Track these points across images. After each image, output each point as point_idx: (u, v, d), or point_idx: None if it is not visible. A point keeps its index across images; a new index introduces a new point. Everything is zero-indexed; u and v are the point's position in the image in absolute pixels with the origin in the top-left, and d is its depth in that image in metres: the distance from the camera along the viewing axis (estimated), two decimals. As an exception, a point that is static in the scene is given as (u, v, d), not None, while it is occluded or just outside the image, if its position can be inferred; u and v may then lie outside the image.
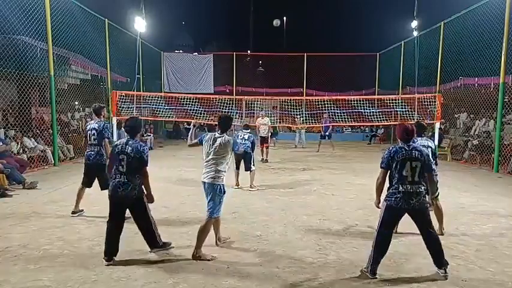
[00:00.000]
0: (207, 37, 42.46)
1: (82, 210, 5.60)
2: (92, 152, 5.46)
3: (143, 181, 4.01)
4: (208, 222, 4.06)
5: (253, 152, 7.83)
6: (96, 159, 5.43)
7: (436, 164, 4.85)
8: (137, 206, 4.03)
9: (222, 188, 4.06)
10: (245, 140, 7.92)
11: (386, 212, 3.70)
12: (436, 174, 4.81)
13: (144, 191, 4.04)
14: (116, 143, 4.14)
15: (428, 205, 3.79)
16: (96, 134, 5.44)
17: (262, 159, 11.69)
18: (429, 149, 4.78)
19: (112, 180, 3.98)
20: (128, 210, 4.08)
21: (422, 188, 3.64)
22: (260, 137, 12.17)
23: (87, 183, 5.56)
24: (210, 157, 4.09)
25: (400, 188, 3.61)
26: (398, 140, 3.79)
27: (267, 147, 12.11)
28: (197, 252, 4.01)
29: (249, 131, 8.44)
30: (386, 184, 3.81)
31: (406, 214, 3.71)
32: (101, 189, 5.40)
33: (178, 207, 6.19)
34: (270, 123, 12.82)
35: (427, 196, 3.75)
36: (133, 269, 3.77)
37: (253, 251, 4.30)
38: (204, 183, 4.10)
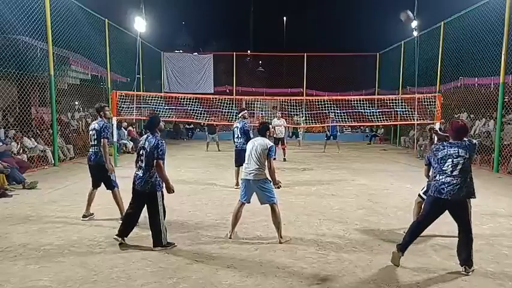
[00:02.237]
0: (207, 37, 42.48)
1: (92, 214, 5.49)
2: (92, 153, 5.38)
3: (158, 174, 4.23)
4: (276, 209, 4.54)
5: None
6: (97, 160, 5.33)
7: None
8: (150, 201, 4.28)
9: (266, 179, 4.56)
10: (239, 138, 7.78)
11: (428, 204, 3.89)
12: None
13: (162, 184, 4.30)
14: (140, 139, 4.44)
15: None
16: (95, 134, 5.36)
17: (284, 159, 11.86)
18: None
19: (135, 173, 4.35)
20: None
21: (460, 181, 3.73)
22: (275, 138, 12.03)
23: (95, 184, 5.46)
24: (252, 157, 4.57)
25: (437, 177, 3.78)
26: (449, 137, 3.93)
27: (284, 148, 12.14)
28: (281, 237, 4.53)
29: (240, 114, 8.13)
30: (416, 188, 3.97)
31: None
32: (107, 189, 5.35)
33: (178, 207, 6.18)
34: (285, 124, 12.92)
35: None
36: (133, 269, 3.77)
37: (253, 251, 4.30)
38: (248, 180, 4.56)
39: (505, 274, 3.76)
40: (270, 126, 5.24)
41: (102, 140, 5.32)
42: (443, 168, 3.76)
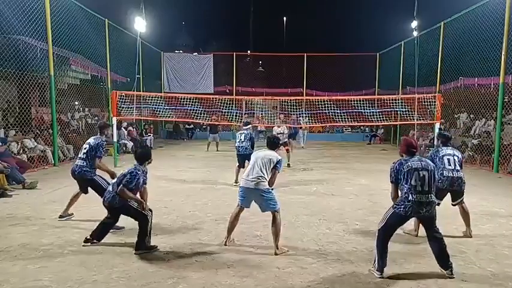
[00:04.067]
0: (207, 37, 42.46)
1: (71, 214, 5.47)
2: (76, 167, 5.24)
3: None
4: (277, 217, 4.29)
5: (253, 150, 7.83)
6: (81, 175, 5.21)
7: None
8: (125, 212, 4.31)
9: (267, 188, 4.33)
10: (242, 142, 8.18)
11: (392, 218, 3.69)
12: (464, 182, 4.83)
13: (130, 202, 4.26)
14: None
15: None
16: (87, 149, 5.21)
17: (288, 164, 10.80)
18: (455, 157, 4.78)
19: None
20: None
21: (433, 197, 3.63)
22: None
23: (81, 190, 5.41)
24: (256, 166, 4.35)
25: (410, 197, 3.57)
26: (403, 155, 3.80)
27: (288, 151, 11.06)
28: (277, 249, 4.22)
29: (248, 127, 8.56)
30: None
31: None
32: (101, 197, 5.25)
33: (178, 207, 6.19)
34: (286, 131, 12.14)
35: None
36: (133, 269, 3.77)
37: (253, 251, 4.30)
38: (248, 188, 4.31)
39: (505, 274, 3.76)
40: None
41: (96, 159, 5.22)
42: (412, 184, 3.56)
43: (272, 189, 4.41)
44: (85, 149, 5.25)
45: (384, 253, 3.68)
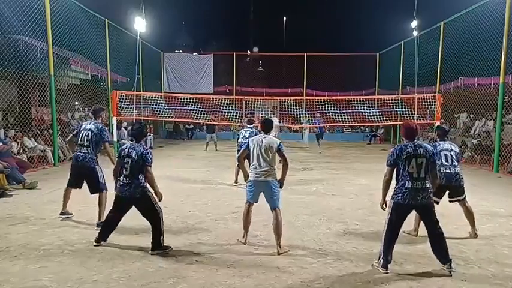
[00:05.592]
0: (207, 37, 42.50)
1: (71, 213, 5.42)
2: (81, 153, 5.13)
3: (148, 180, 4.21)
4: (279, 216, 4.30)
5: None
6: (85, 162, 5.10)
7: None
8: (142, 203, 4.22)
9: (276, 182, 4.35)
10: (246, 138, 7.96)
11: (394, 210, 3.76)
12: (463, 178, 4.83)
13: (150, 189, 4.24)
14: (121, 147, 4.34)
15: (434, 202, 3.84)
16: (90, 135, 5.13)
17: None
18: (452, 152, 4.78)
19: (118, 182, 4.26)
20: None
21: (428, 184, 3.70)
22: None
23: (73, 184, 5.29)
24: (261, 157, 4.32)
25: (407, 184, 3.67)
26: (403, 139, 3.86)
27: None
28: (280, 248, 4.21)
29: (252, 126, 8.45)
30: (393, 184, 3.86)
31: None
32: (91, 193, 5.17)
33: (178, 207, 6.19)
34: (278, 124, 12.22)
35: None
36: (133, 269, 3.77)
37: (253, 251, 4.29)
38: (259, 181, 4.32)
39: (505, 274, 3.76)
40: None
41: (105, 144, 5.23)
42: (409, 171, 3.65)
43: (278, 184, 4.37)
44: (87, 136, 5.13)
45: (388, 250, 3.72)
